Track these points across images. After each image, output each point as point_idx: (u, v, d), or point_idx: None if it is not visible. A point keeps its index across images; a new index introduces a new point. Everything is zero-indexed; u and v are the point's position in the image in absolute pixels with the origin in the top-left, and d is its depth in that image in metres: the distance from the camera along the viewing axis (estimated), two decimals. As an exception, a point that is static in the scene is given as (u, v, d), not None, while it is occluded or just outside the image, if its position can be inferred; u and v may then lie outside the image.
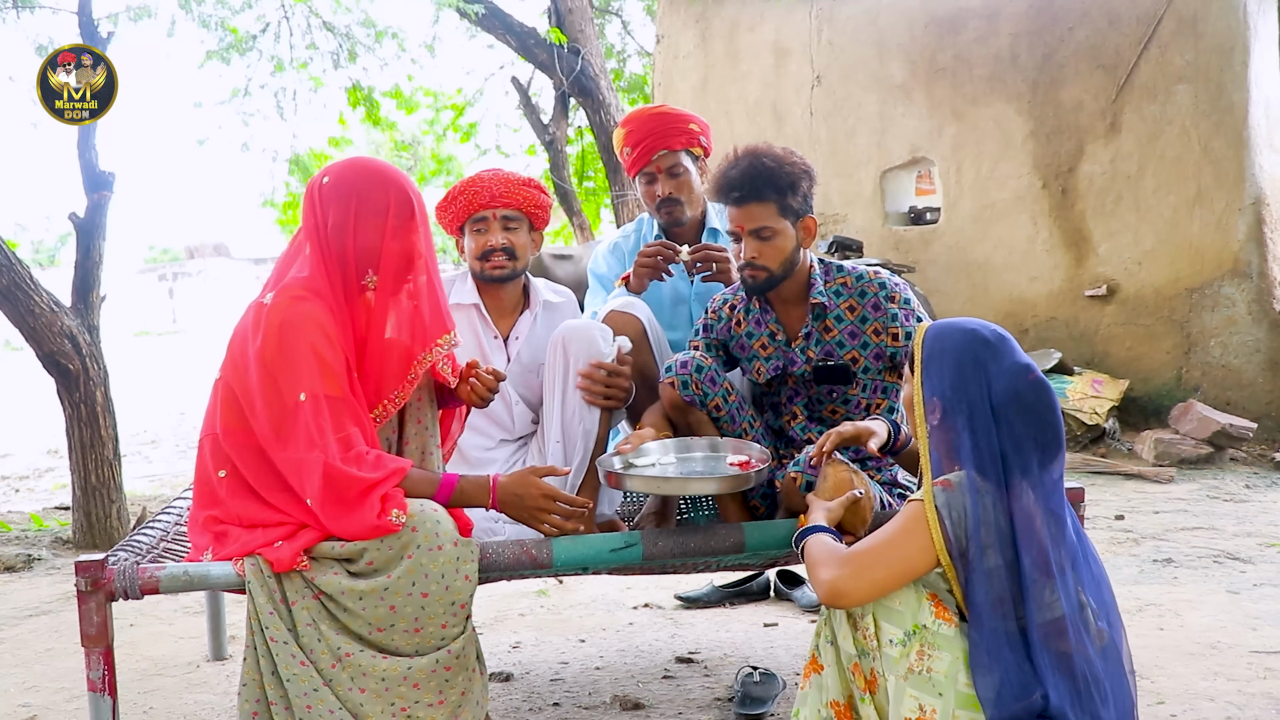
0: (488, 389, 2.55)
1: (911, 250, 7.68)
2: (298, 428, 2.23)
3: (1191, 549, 4.46)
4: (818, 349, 2.76)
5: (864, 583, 1.93)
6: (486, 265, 2.99)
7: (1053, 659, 1.91)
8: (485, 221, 2.99)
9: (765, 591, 3.98)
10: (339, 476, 2.20)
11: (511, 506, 2.41)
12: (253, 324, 2.31)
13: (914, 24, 7.64)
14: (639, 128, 3.37)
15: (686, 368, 2.76)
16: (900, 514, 2.00)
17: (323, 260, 2.34)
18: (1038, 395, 2.00)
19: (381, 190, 2.36)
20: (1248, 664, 3.13)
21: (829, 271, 2.80)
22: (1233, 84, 6.56)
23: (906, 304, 2.76)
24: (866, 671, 2.00)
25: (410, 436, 2.50)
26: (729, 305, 2.93)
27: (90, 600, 2.24)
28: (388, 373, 2.39)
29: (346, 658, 2.20)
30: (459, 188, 3.01)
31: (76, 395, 5.04)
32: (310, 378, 2.24)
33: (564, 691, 3.12)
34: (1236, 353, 6.64)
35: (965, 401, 1.99)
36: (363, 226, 2.34)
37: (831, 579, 1.95)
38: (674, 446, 2.65)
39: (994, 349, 2.02)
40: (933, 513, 1.94)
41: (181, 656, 3.52)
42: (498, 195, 2.97)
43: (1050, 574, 1.92)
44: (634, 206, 8.80)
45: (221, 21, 8.11)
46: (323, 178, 2.38)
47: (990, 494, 1.95)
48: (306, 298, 2.32)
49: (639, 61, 12.38)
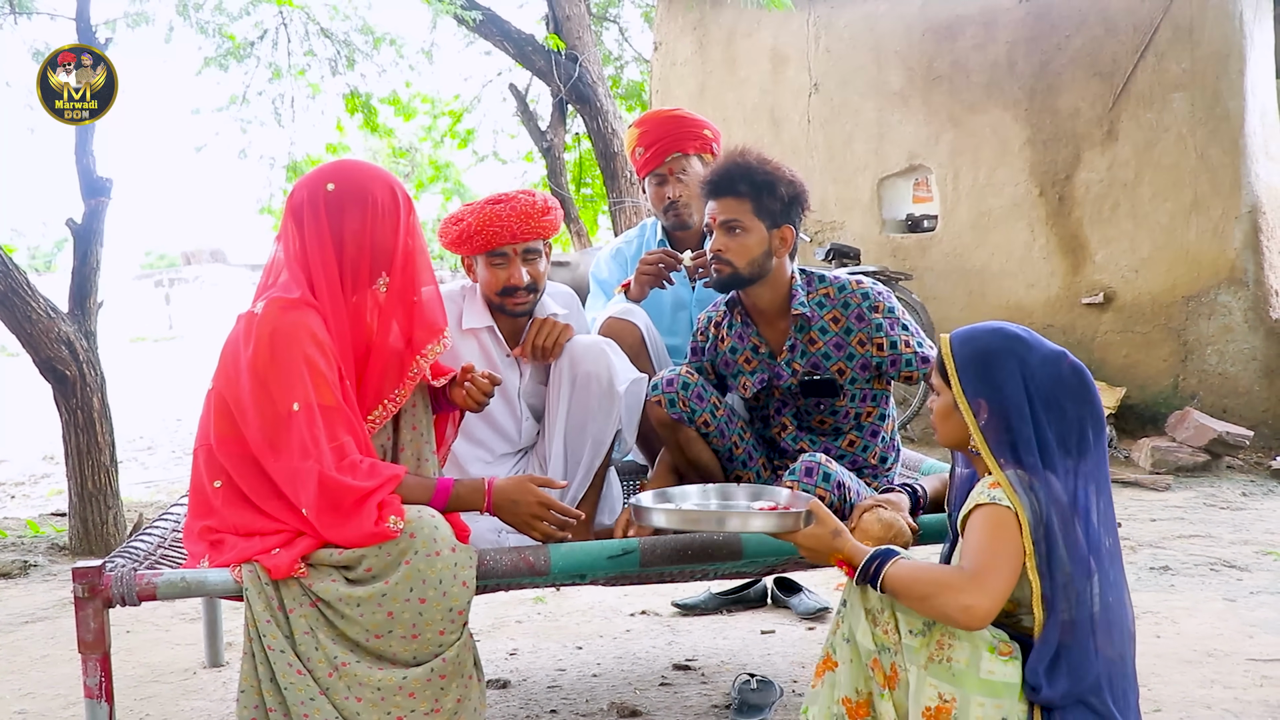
0: (483, 393, 2.53)
1: (909, 257, 7.69)
2: (291, 437, 2.22)
3: (1188, 557, 4.47)
4: (804, 361, 2.75)
5: (995, 597, 1.88)
6: (509, 302, 2.83)
7: (1089, 651, 1.92)
8: (505, 257, 2.80)
9: (762, 599, 3.98)
10: (334, 485, 2.20)
11: (506, 511, 2.41)
12: (244, 334, 2.31)
13: (911, 31, 7.66)
14: (653, 129, 3.38)
15: (672, 385, 2.76)
16: (981, 521, 1.94)
17: (326, 266, 2.34)
18: (1079, 379, 2.01)
19: (389, 189, 2.38)
20: (1244, 672, 3.13)
21: (811, 282, 2.78)
22: (1229, 92, 6.58)
23: (890, 313, 2.73)
24: (886, 667, 1.99)
25: (405, 443, 2.50)
26: (714, 324, 2.91)
27: (87, 606, 2.23)
28: (390, 371, 2.39)
29: (343, 667, 2.20)
30: (476, 224, 2.77)
31: (73, 401, 5.03)
32: (303, 387, 2.24)
33: (561, 698, 3.11)
34: (1233, 360, 6.65)
35: (1012, 396, 1.98)
36: (380, 228, 2.36)
37: (968, 605, 1.86)
38: (715, 493, 2.49)
39: (1026, 343, 2.03)
40: (1021, 511, 1.91)
41: (178, 663, 3.52)
42: (519, 234, 2.78)
43: (1077, 571, 1.93)
44: (631, 213, 8.80)
45: (219, 28, 8.11)
46: (325, 184, 2.35)
47: (1041, 488, 1.94)
48: (297, 306, 2.31)
49: (636, 68, 12.41)
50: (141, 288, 28.64)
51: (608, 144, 8.93)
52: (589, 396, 2.80)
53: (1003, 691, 1.89)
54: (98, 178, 5.15)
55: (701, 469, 2.82)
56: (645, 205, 3.76)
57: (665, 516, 2.26)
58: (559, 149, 10.10)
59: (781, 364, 2.77)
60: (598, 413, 2.81)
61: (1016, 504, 1.92)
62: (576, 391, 2.81)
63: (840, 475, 2.53)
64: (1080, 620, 1.92)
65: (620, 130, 8.88)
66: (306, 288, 2.34)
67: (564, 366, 2.84)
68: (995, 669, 1.90)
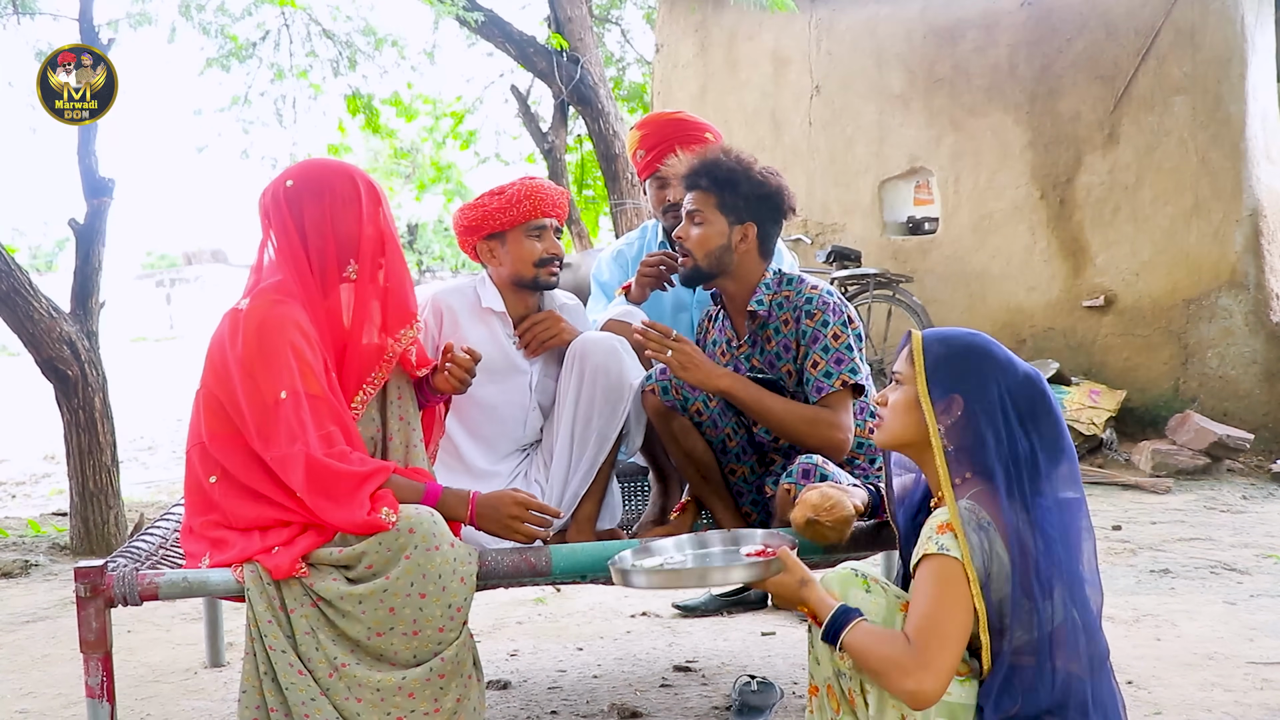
0: (465, 370, 2.55)
1: (909, 260, 7.69)
2: (279, 425, 2.26)
3: (1189, 560, 4.47)
4: (761, 358, 2.79)
5: (943, 677, 1.86)
6: (543, 272, 2.89)
7: (1046, 670, 1.90)
8: (543, 228, 2.88)
9: (763, 600, 3.98)
10: (321, 469, 2.23)
11: (488, 519, 2.42)
12: (229, 329, 2.36)
13: (913, 34, 7.67)
14: (655, 132, 3.39)
15: (666, 374, 2.80)
16: (930, 580, 1.91)
17: (296, 261, 2.39)
18: (1048, 403, 1.99)
19: (347, 180, 2.44)
20: (1245, 675, 3.13)
21: (780, 283, 2.80)
22: (1230, 96, 6.58)
23: (823, 325, 2.68)
24: (843, 691, 2.00)
25: (394, 432, 2.52)
26: (708, 316, 3.01)
27: (89, 606, 2.24)
28: (367, 357, 2.43)
29: (343, 668, 2.21)
30: (523, 192, 2.86)
31: (75, 401, 5.03)
32: (290, 376, 2.28)
33: (561, 700, 3.11)
34: (1234, 364, 6.65)
35: (992, 397, 1.96)
36: (340, 217, 2.41)
37: (914, 691, 1.85)
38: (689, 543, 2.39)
39: (1000, 352, 2.01)
40: (969, 561, 1.88)
41: (179, 663, 3.52)
42: (557, 205, 2.90)
43: (1035, 592, 1.91)
44: (632, 215, 8.80)
45: (222, 29, 8.13)
46: (284, 182, 2.43)
47: (994, 516, 1.91)
48: (282, 300, 2.36)
49: (638, 70, 12.42)
50: (143, 288, 28.65)
51: (609, 146, 8.93)
52: (598, 391, 2.82)
53: (960, 713, 1.90)
54: (100, 178, 5.16)
55: (696, 461, 2.84)
56: (646, 207, 3.76)
57: (646, 579, 2.16)
58: (560, 150, 10.11)
59: (740, 358, 2.83)
60: (605, 408, 2.82)
61: (964, 550, 1.88)
62: (586, 385, 2.83)
63: (837, 477, 2.53)
64: (1038, 639, 1.89)
65: (622, 132, 8.88)
66: (286, 282, 2.39)
67: (575, 360, 2.85)
68: (952, 690, 1.90)
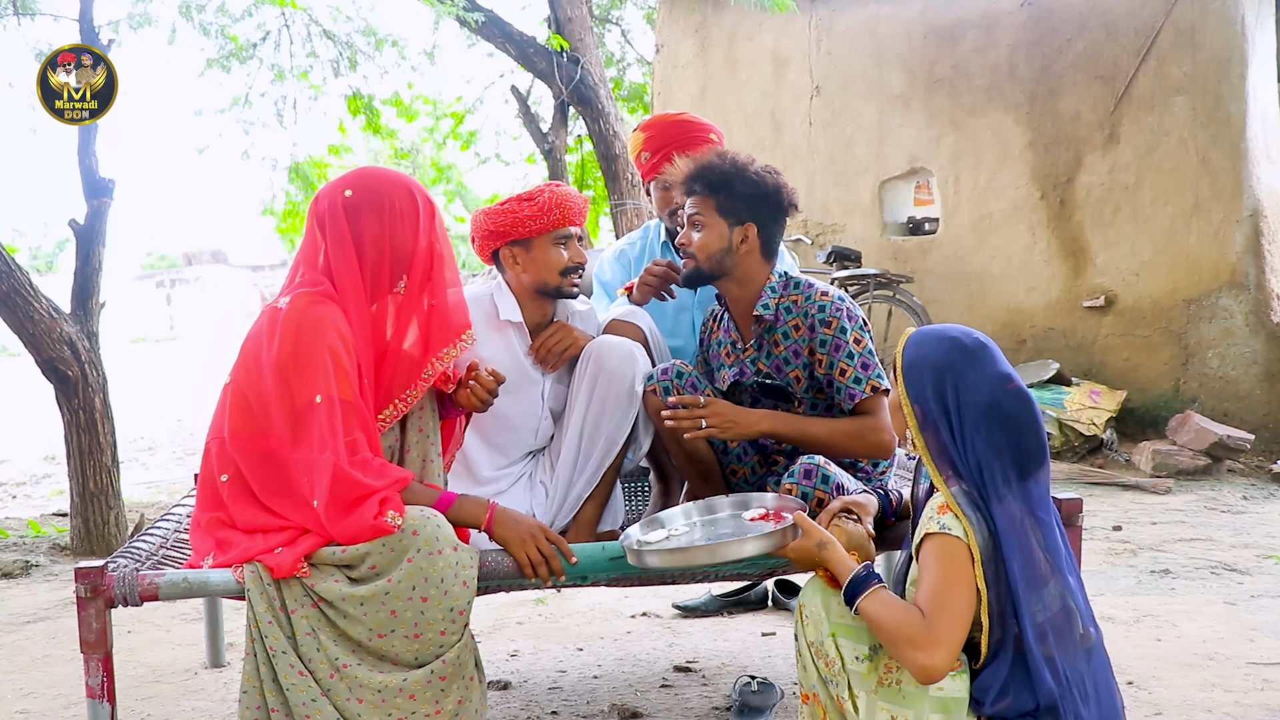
0: (488, 390, 2.55)
1: (910, 260, 7.69)
2: (312, 428, 2.24)
3: (1189, 560, 4.47)
4: (768, 362, 2.78)
5: (952, 648, 1.87)
6: (566, 281, 2.90)
7: (1040, 661, 1.91)
8: (569, 236, 2.88)
9: (763, 601, 3.98)
10: (346, 479, 2.22)
11: (508, 527, 2.40)
12: (268, 327, 2.33)
13: (913, 34, 7.67)
14: (659, 134, 3.39)
15: (667, 374, 2.80)
16: (933, 557, 1.92)
17: (350, 271, 2.36)
18: (1018, 406, 1.97)
19: (406, 194, 2.41)
20: (1245, 675, 3.14)
21: (786, 286, 2.79)
22: (1230, 96, 6.58)
23: (842, 332, 2.69)
24: (828, 699, 2.01)
25: (411, 444, 2.51)
26: (714, 316, 3.00)
27: (90, 606, 2.24)
28: (403, 372, 2.41)
29: (344, 669, 2.20)
30: (555, 200, 2.84)
31: (75, 402, 5.03)
32: (326, 379, 2.26)
33: (562, 700, 3.11)
34: (1234, 364, 6.65)
35: (941, 408, 1.98)
36: (398, 231, 2.39)
37: (924, 665, 1.86)
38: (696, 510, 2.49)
39: (973, 356, 2.00)
40: (972, 537, 1.90)
41: (179, 663, 3.52)
42: (582, 213, 2.90)
43: (1039, 581, 1.92)
44: (632, 215, 8.80)
45: (222, 29, 8.12)
46: (342, 190, 2.39)
47: (977, 504, 1.93)
48: (323, 301, 2.34)
49: (638, 70, 12.42)
50: (143, 288, 28.68)
51: (609, 146, 8.93)
52: (609, 394, 2.83)
53: (953, 707, 1.91)
54: (100, 178, 5.16)
55: (697, 462, 2.84)
56: (647, 207, 3.76)
57: (660, 559, 2.23)
58: (560, 151, 10.10)
59: (746, 362, 2.82)
60: (615, 411, 2.83)
61: (967, 529, 1.90)
62: (598, 388, 2.84)
63: (839, 477, 2.53)
64: (1034, 629, 1.90)
65: (622, 132, 8.89)
66: (330, 286, 2.37)
67: (589, 363, 2.86)
68: (945, 685, 1.91)
